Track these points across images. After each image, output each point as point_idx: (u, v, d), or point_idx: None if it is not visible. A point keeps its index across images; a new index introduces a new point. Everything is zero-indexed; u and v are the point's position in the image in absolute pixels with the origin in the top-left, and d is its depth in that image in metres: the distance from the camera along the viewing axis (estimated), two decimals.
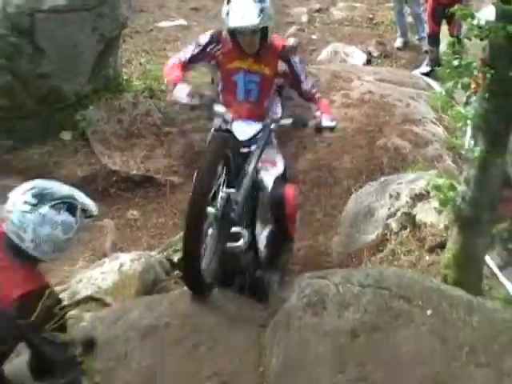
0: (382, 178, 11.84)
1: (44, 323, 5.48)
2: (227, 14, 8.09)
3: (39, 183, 5.81)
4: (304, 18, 17.93)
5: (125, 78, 14.63)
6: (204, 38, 8.46)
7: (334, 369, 6.24)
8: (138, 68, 15.13)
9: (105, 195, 13.01)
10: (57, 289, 7.45)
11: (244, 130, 8.16)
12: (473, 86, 8.83)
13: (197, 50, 8.43)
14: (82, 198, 5.99)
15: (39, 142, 13.53)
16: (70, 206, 5.75)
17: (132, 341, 6.66)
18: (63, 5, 13.65)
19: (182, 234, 7.72)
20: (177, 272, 9.79)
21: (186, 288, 8.45)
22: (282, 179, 8.60)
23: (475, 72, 8.33)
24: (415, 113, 13.82)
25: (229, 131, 7.98)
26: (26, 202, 5.59)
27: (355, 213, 11.40)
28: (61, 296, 6.55)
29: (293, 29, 17.42)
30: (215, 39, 8.39)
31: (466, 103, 10.56)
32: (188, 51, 8.46)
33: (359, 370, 6.20)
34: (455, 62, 8.41)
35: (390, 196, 10.87)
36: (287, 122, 8.46)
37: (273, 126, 8.38)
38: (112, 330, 6.72)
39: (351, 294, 6.73)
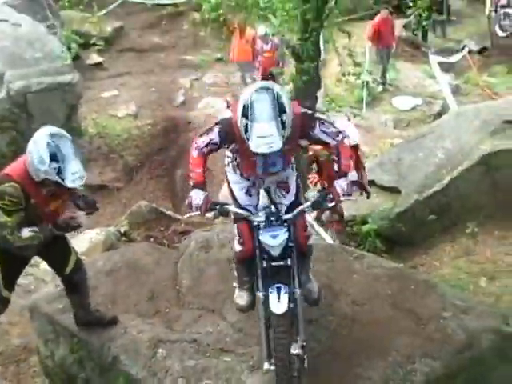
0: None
1: None
2: (245, 128, 4.72)
3: (68, 142, 5.05)
4: (187, 84, 17.83)
5: (83, 127, 14.54)
6: (215, 136, 5.10)
7: (218, 282, 6.26)
8: (91, 121, 15.00)
9: None
10: None
11: (272, 241, 4.95)
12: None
13: (211, 148, 5.16)
14: (70, 167, 4.93)
15: None
16: (53, 155, 4.87)
17: (99, 278, 6.59)
18: (43, 88, 13.68)
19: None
20: (123, 238, 9.85)
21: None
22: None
23: None
24: None
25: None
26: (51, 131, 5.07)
27: (227, 194, 11.10)
28: None
29: (181, 91, 17.33)
30: (227, 140, 5.11)
31: None
32: (202, 145, 5.15)
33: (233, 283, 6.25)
34: None
35: None
36: (306, 206, 5.22)
37: (293, 216, 5.14)
38: (87, 273, 6.66)
39: (226, 238, 6.74)
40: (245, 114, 4.76)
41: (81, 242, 9.78)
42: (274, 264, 5.01)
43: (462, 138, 9.77)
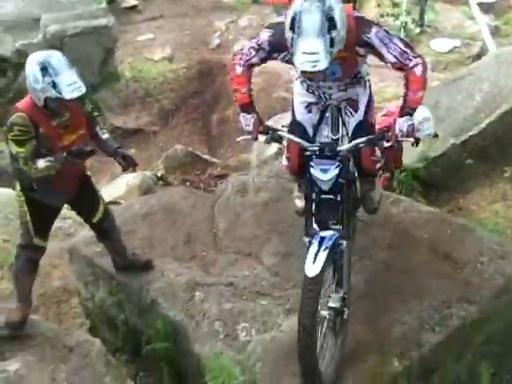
0: (277, 116, 11.81)
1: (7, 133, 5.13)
2: (291, 41, 4.32)
3: (58, 56, 5.07)
4: (223, 27, 17.68)
5: (119, 71, 14.50)
6: (265, 43, 4.77)
7: (254, 226, 6.29)
8: (127, 65, 14.95)
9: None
10: None
11: (322, 175, 4.67)
12: None
13: (260, 56, 4.84)
14: (64, 79, 4.94)
15: None
16: (45, 71, 4.92)
17: (136, 222, 6.65)
18: (79, 32, 13.62)
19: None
20: (160, 182, 9.89)
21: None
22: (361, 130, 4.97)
23: None
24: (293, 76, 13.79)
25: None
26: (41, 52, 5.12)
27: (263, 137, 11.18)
28: None
29: (217, 34, 17.19)
30: (276, 47, 4.73)
31: None
32: (251, 53, 4.85)
33: (270, 226, 6.26)
34: None
35: (282, 125, 10.76)
36: (361, 141, 4.78)
37: (347, 150, 4.79)
38: (124, 217, 6.69)
39: (262, 182, 6.76)
40: (292, 27, 4.33)
41: (117, 186, 9.87)
42: (323, 197, 4.76)
43: (500, 81, 9.58)
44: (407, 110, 4.71)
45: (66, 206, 5.89)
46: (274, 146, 10.51)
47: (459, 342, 5.23)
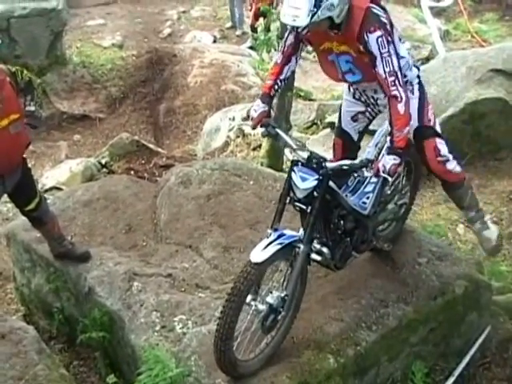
0: (225, 109, 11.86)
1: None
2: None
3: None
4: (175, 16, 17.58)
5: (67, 56, 14.30)
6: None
7: (196, 218, 6.27)
8: (75, 50, 14.77)
9: (59, 127, 12.87)
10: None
11: (300, 183, 4.58)
12: None
13: (289, 41, 4.89)
14: None
15: None
16: None
17: (77, 209, 6.59)
18: (27, 13, 13.38)
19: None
20: (103, 170, 9.81)
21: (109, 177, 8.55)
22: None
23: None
24: (242, 70, 13.79)
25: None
26: None
27: (209, 129, 11.24)
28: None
29: (168, 23, 17.08)
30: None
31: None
32: (284, 44, 4.96)
33: (212, 218, 6.25)
34: (262, 38, 8.48)
35: (230, 118, 10.89)
36: (345, 163, 4.67)
37: (330, 170, 4.59)
38: (65, 204, 6.64)
39: (206, 175, 6.74)
40: None
41: (61, 171, 9.77)
42: (296, 204, 4.72)
43: (447, 85, 9.69)
44: (393, 150, 4.63)
45: None
46: (220, 140, 10.60)
47: (395, 342, 5.28)
